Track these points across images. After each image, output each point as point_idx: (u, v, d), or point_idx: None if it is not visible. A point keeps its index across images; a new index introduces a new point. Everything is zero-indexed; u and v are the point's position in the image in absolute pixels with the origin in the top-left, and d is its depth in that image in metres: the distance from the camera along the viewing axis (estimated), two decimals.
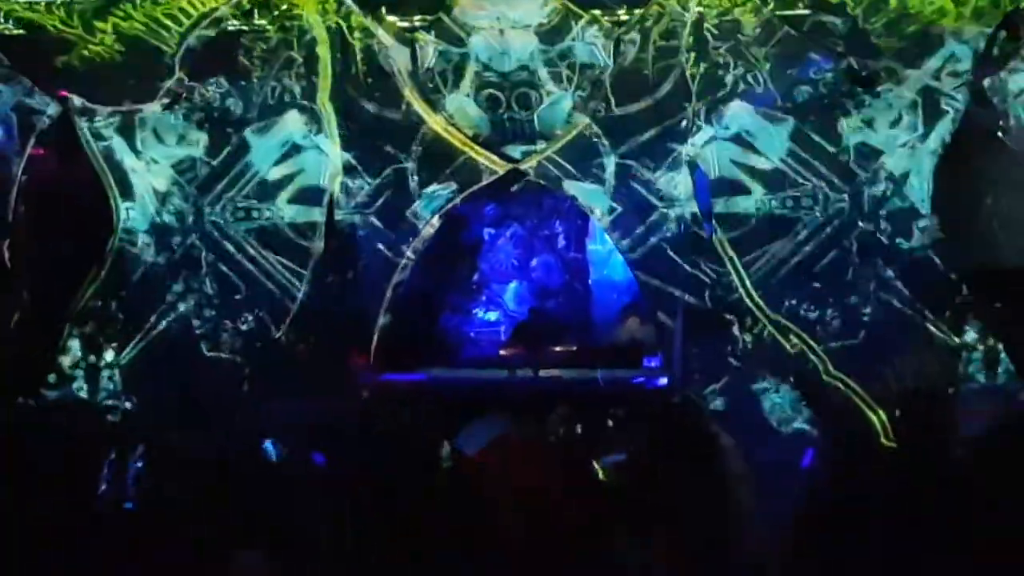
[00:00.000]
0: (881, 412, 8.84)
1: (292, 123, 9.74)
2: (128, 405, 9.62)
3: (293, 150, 9.76)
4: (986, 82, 9.15)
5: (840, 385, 9.12)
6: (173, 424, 8.57)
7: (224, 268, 9.82)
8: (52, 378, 9.66)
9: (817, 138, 9.42)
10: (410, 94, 9.67)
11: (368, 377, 9.41)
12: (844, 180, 9.45)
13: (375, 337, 9.64)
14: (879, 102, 9.33)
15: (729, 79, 9.45)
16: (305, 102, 9.74)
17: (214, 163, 9.79)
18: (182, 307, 9.78)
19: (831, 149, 9.43)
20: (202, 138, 9.81)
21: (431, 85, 9.72)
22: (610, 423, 8.24)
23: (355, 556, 5.56)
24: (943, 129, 9.31)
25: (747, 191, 9.48)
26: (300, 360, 9.49)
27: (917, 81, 9.26)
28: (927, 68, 9.22)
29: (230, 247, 9.81)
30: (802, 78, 9.40)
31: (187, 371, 9.45)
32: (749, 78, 9.44)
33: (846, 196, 9.40)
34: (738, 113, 9.46)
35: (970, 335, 9.22)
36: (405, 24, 9.69)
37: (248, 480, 6.48)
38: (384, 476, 5.78)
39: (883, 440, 8.55)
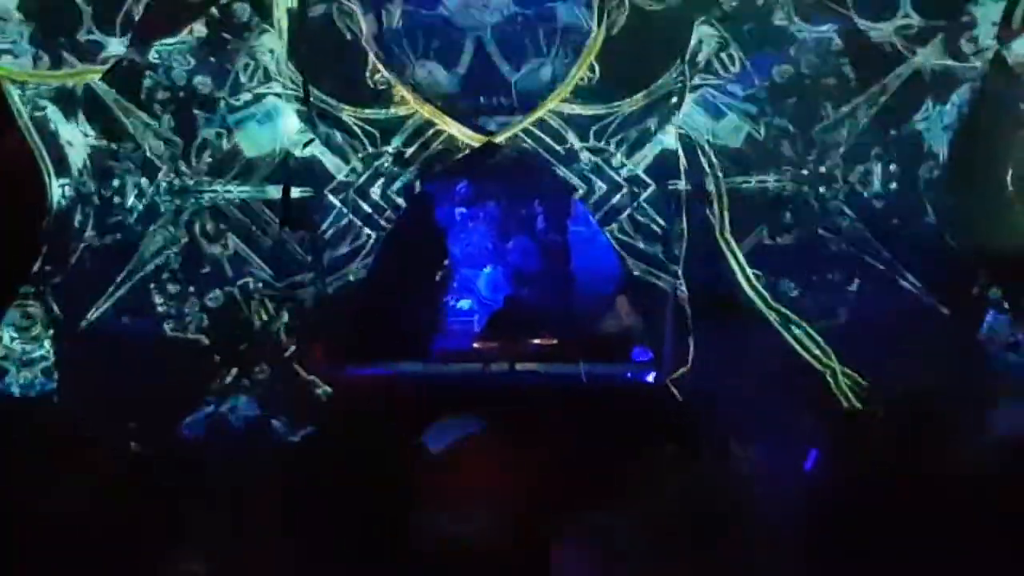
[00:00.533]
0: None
1: (248, 93, 9.20)
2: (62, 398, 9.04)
3: (249, 122, 9.22)
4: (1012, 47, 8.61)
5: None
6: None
7: (173, 251, 9.23)
8: None
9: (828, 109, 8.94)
10: (375, 60, 9.17)
11: (326, 371, 9.03)
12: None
13: (334, 327, 9.28)
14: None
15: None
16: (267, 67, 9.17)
17: (164, 134, 9.17)
18: (125, 293, 9.17)
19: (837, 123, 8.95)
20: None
21: (397, 50, 9.36)
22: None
23: (306, 562, 5.22)
24: (959, 100, 8.80)
25: (746, 166, 9.03)
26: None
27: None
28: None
29: (181, 228, 9.24)
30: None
31: (130, 361, 8.85)
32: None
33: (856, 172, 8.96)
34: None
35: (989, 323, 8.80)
36: None
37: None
38: (340, 478, 5.53)
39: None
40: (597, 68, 9.04)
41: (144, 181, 9.12)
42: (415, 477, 5.39)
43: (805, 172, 8.90)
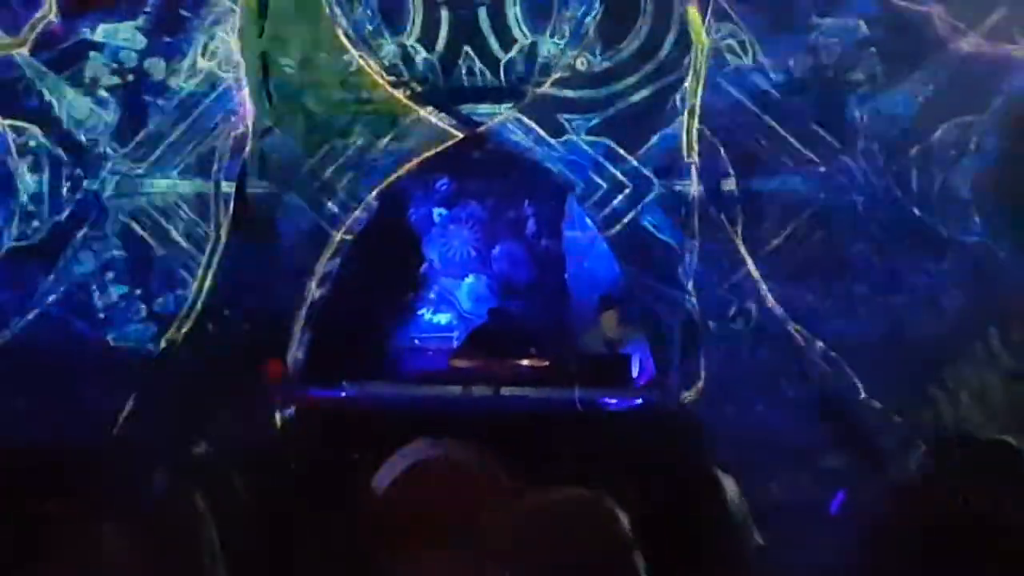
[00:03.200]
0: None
1: (205, 78, 8.77)
2: None
3: (200, 110, 8.80)
4: None
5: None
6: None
7: (111, 252, 8.76)
8: None
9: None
10: (344, 39, 8.76)
11: (285, 392, 8.67)
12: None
13: (294, 342, 8.88)
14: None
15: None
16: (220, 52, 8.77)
17: (107, 119, 8.71)
18: (53, 299, 8.69)
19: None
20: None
21: (370, 28, 8.80)
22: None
23: None
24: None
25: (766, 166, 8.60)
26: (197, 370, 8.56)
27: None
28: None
29: (116, 227, 8.77)
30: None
31: (55, 375, 8.42)
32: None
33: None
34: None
35: None
36: None
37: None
38: (292, 513, 4.80)
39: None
40: (598, 49, 8.65)
41: (79, 172, 8.68)
42: (364, 516, 4.78)
43: (835, 172, 8.45)
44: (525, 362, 9.44)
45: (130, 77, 8.60)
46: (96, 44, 8.54)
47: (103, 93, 8.60)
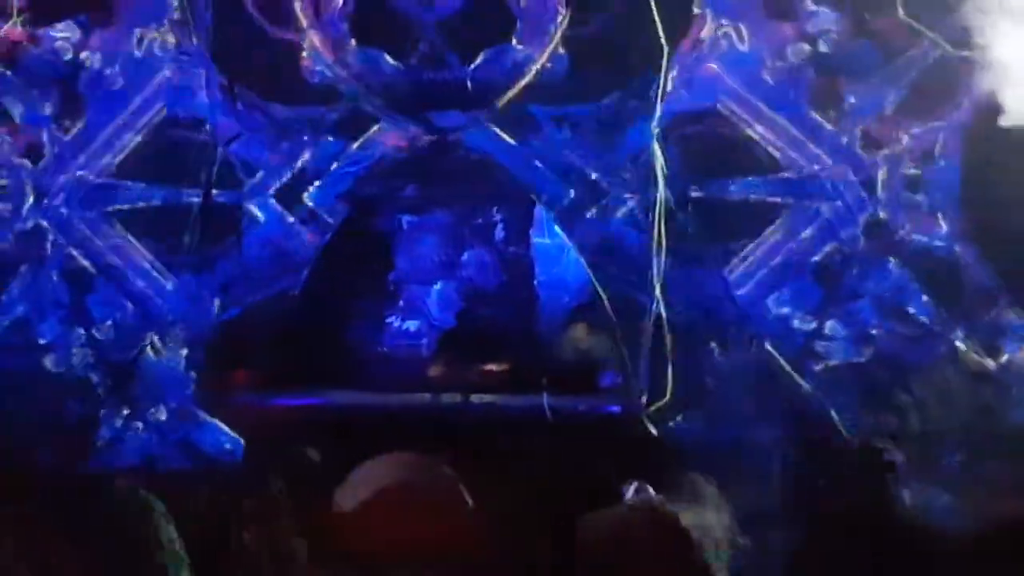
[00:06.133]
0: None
1: (162, 82, 8.72)
2: None
3: (159, 115, 8.71)
4: None
5: None
6: None
7: (71, 265, 8.72)
8: None
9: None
10: (312, 44, 8.71)
11: (250, 401, 8.75)
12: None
13: (262, 350, 8.92)
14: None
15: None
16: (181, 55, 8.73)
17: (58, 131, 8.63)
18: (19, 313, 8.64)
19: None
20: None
21: (336, 35, 8.75)
22: None
23: None
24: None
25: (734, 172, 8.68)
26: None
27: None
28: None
29: (77, 239, 8.72)
30: None
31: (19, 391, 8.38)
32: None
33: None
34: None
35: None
36: None
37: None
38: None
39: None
40: (565, 56, 8.63)
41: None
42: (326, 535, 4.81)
43: (802, 178, 8.55)
44: (494, 368, 9.48)
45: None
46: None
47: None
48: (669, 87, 8.42)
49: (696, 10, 8.44)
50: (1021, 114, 7.99)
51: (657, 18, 8.27)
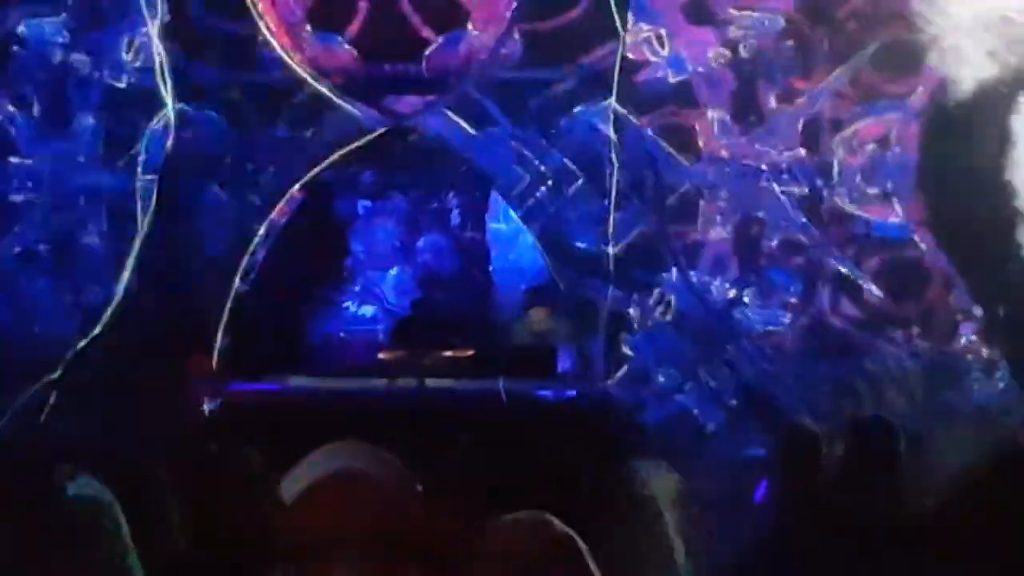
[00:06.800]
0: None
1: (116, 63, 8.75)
2: None
3: (116, 97, 8.75)
4: None
5: None
6: None
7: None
8: None
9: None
10: (267, 28, 8.66)
11: (207, 386, 8.64)
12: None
13: (217, 336, 8.83)
14: None
15: None
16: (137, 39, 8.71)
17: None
18: None
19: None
20: None
21: (291, 18, 8.71)
22: None
23: None
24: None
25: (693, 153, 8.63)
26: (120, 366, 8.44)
27: None
28: None
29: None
30: None
31: None
32: None
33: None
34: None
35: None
36: None
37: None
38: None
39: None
40: (519, 39, 8.63)
41: None
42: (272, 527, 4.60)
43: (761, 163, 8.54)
44: (449, 353, 9.45)
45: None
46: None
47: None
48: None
49: None
50: (975, 98, 8.00)
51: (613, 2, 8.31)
